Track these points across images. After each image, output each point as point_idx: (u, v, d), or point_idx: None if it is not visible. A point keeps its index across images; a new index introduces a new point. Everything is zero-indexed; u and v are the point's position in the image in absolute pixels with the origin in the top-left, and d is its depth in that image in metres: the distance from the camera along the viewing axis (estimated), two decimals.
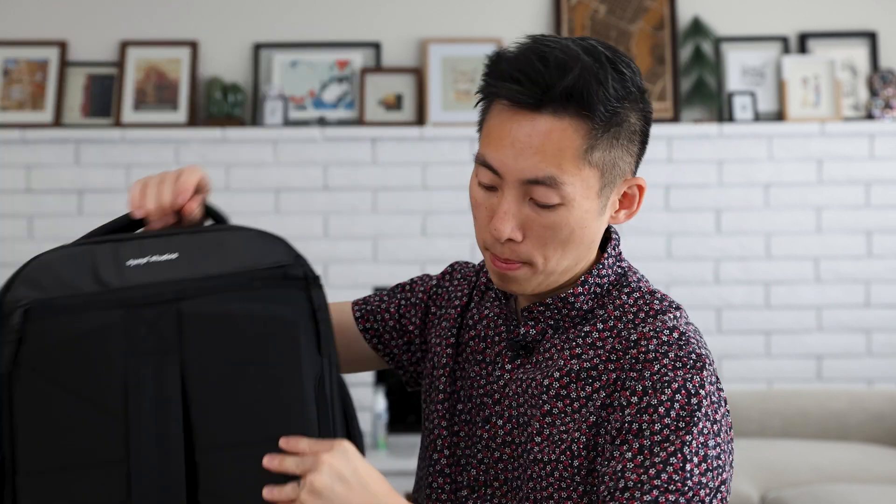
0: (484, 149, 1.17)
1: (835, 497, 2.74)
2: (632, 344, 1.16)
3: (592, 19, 3.91)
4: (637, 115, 1.18)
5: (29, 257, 1.00)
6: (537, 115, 1.13)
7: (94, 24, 3.91)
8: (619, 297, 1.22)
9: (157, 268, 1.10)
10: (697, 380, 1.13)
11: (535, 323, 1.23)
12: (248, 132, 3.76)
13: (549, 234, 1.16)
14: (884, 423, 3.35)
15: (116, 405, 1.06)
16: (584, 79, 1.12)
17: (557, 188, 1.14)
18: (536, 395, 1.20)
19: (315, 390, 1.08)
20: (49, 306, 1.08)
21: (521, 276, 1.19)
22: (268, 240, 1.12)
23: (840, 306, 3.80)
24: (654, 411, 1.11)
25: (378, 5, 3.93)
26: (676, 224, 3.80)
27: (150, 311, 1.08)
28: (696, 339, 1.17)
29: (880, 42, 3.93)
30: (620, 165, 1.18)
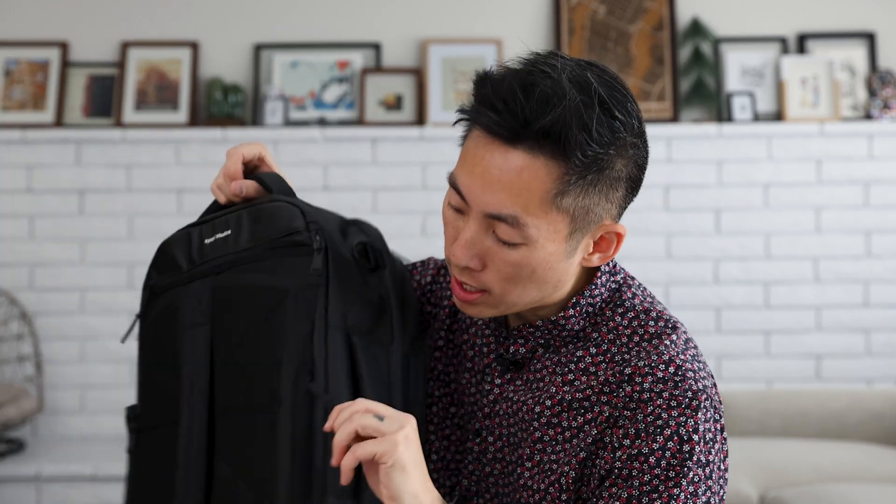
0: (457, 171, 1.13)
1: (834, 497, 2.75)
2: (626, 378, 1.12)
3: (592, 20, 3.91)
4: (625, 161, 1.11)
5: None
6: (511, 149, 1.07)
7: (95, 24, 3.91)
8: (613, 317, 1.18)
9: (218, 244, 1.21)
10: (691, 423, 1.09)
11: (524, 341, 1.21)
12: (248, 132, 3.76)
13: (509, 269, 1.12)
14: (883, 422, 3.36)
15: (179, 371, 1.18)
16: (565, 120, 1.05)
17: (520, 228, 1.09)
18: (528, 421, 1.17)
19: (298, 355, 1.11)
20: (161, 286, 1.24)
21: (479, 303, 1.16)
22: (289, 209, 1.19)
23: (839, 306, 3.81)
24: (644, 459, 1.08)
25: (378, 6, 3.93)
26: (676, 224, 3.81)
27: (199, 285, 1.20)
28: (694, 370, 1.13)
29: (879, 42, 3.93)
30: (596, 212, 1.11)
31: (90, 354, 3.78)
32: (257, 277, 1.16)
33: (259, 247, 1.17)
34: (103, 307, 3.78)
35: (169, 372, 1.19)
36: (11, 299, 3.72)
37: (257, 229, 1.18)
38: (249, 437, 1.12)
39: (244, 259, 1.18)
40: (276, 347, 1.12)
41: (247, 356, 1.14)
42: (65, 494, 3.40)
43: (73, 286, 3.78)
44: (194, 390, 1.16)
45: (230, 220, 1.21)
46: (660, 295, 3.79)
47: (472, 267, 1.13)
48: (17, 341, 3.72)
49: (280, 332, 1.13)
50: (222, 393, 1.15)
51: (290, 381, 1.11)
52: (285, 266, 1.15)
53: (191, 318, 1.19)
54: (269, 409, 1.11)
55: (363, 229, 1.26)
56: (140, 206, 3.78)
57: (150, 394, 1.22)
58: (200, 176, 3.78)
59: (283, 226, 1.17)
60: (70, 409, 3.78)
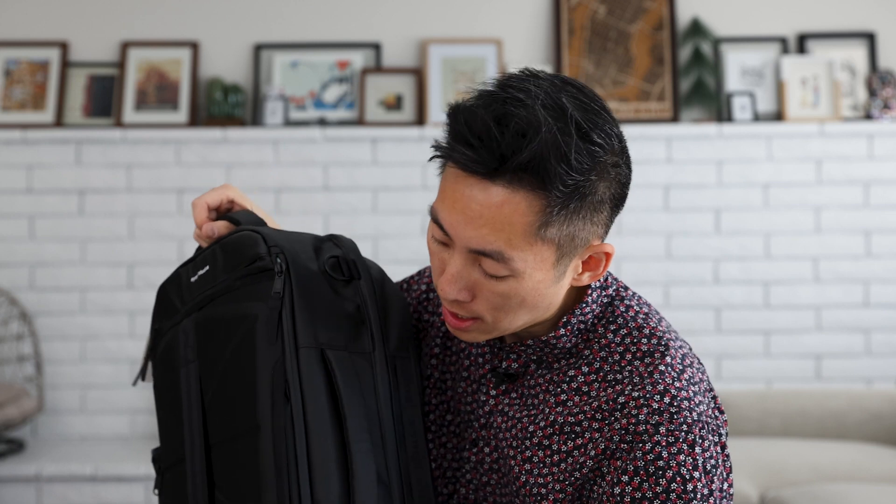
0: (437, 205, 1.11)
1: (834, 496, 2.75)
2: (619, 407, 1.11)
3: (592, 20, 3.91)
4: (607, 184, 1.09)
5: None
6: (490, 184, 1.05)
7: (95, 24, 3.91)
8: (605, 334, 1.17)
9: (200, 281, 1.24)
10: (690, 462, 1.09)
11: (517, 357, 1.21)
12: (248, 132, 3.76)
13: (498, 300, 1.11)
14: (883, 422, 3.36)
15: (181, 410, 1.22)
16: (543, 153, 1.03)
17: (505, 262, 1.08)
18: (520, 439, 1.17)
19: (272, 378, 1.12)
20: (164, 328, 1.28)
21: (472, 330, 1.16)
22: (252, 236, 1.20)
23: (839, 306, 3.81)
24: (649, 503, 1.08)
25: (378, 5, 3.93)
26: (676, 224, 3.81)
27: (188, 323, 1.23)
28: (689, 398, 1.12)
29: (879, 43, 3.93)
30: (581, 236, 1.10)
31: (90, 354, 3.79)
32: (231, 308, 1.17)
33: (231, 277, 1.19)
34: (103, 307, 3.78)
35: (174, 410, 1.23)
36: (11, 299, 3.72)
37: (227, 261, 1.21)
38: (238, 465, 1.13)
39: (220, 291, 1.20)
40: (251, 374, 1.13)
41: (229, 386, 1.16)
42: (65, 494, 3.41)
43: (73, 286, 3.78)
44: (192, 426, 1.19)
45: (207, 257, 1.24)
46: (660, 295, 3.80)
47: (462, 299, 1.12)
48: (17, 341, 3.72)
49: (253, 358, 1.14)
50: (213, 425, 1.17)
51: (268, 406, 1.11)
52: (254, 293, 1.16)
53: (183, 356, 1.22)
54: (251, 435, 1.12)
55: (337, 243, 1.25)
56: (140, 206, 3.79)
57: (165, 434, 1.26)
58: (200, 176, 3.78)
59: (248, 253, 1.18)
60: (70, 409, 3.78)
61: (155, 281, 3.78)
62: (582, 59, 3.88)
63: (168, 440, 1.25)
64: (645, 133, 3.72)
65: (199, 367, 1.19)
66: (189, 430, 1.19)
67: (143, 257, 3.79)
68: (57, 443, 3.73)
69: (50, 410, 3.77)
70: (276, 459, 1.10)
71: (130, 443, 3.73)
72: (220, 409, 1.16)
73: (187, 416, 1.20)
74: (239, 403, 1.14)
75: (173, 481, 1.23)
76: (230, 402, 1.15)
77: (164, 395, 1.26)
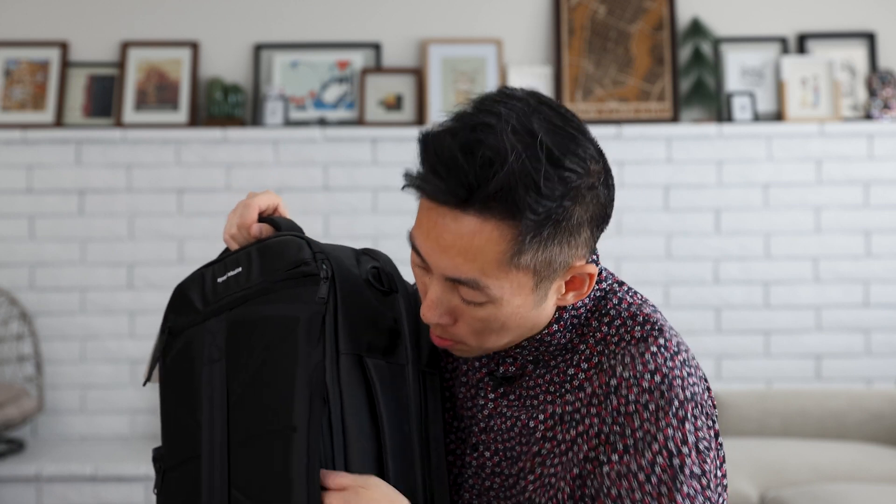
0: (414, 231, 1.12)
1: (834, 496, 2.75)
2: (612, 390, 1.11)
3: (592, 20, 3.91)
4: (584, 208, 1.07)
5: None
6: (461, 214, 1.05)
7: (95, 24, 3.91)
8: (600, 328, 1.17)
9: (230, 282, 1.24)
10: (679, 436, 1.08)
11: (513, 360, 1.20)
12: (248, 132, 3.76)
13: (479, 324, 1.12)
14: (882, 422, 3.36)
15: (197, 408, 1.21)
16: (510, 182, 1.02)
17: (481, 290, 1.08)
18: (525, 436, 1.18)
19: (311, 381, 1.12)
20: (178, 327, 1.27)
21: (458, 350, 1.17)
22: (296, 241, 1.20)
23: (839, 306, 3.81)
24: (633, 477, 1.07)
25: (378, 6, 3.93)
26: (676, 224, 3.81)
27: (215, 322, 1.22)
28: (681, 378, 1.11)
29: (879, 43, 3.93)
30: (559, 260, 1.09)
31: (90, 354, 3.79)
32: (268, 309, 1.18)
33: (269, 280, 1.19)
34: (103, 307, 3.78)
35: (188, 409, 1.22)
36: (11, 299, 3.72)
37: (266, 264, 1.20)
38: (265, 465, 1.13)
39: (255, 293, 1.19)
40: (289, 375, 1.13)
41: (261, 386, 1.16)
42: (65, 494, 3.41)
43: (73, 286, 3.78)
44: (214, 424, 1.18)
45: (240, 258, 1.23)
46: (660, 295, 3.79)
47: (443, 323, 1.13)
48: (17, 341, 3.72)
49: (293, 360, 1.14)
50: (238, 424, 1.17)
51: (305, 408, 1.12)
52: (295, 296, 1.16)
53: (208, 355, 1.21)
54: (284, 436, 1.12)
55: (374, 256, 1.28)
56: (140, 206, 3.79)
57: (173, 433, 1.25)
58: (200, 176, 3.78)
59: (291, 258, 1.19)
60: (70, 409, 3.78)
61: (155, 281, 3.78)
62: (582, 59, 3.88)
63: (176, 439, 1.24)
64: (645, 133, 3.72)
65: (226, 365, 1.19)
66: (210, 428, 1.19)
67: (143, 257, 3.79)
68: (57, 443, 3.73)
69: (50, 410, 3.78)
70: (308, 462, 1.10)
71: (130, 443, 3.73)
72: (248, 408, 1.16)
73: (208, 415, 1.19)
74: (272, 403, 1.14)
75: (180, 481, 1.22)
76: (261, 401, 1.15)
77: (176, 393, 1.25)
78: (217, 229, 3.77)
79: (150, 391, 3.77)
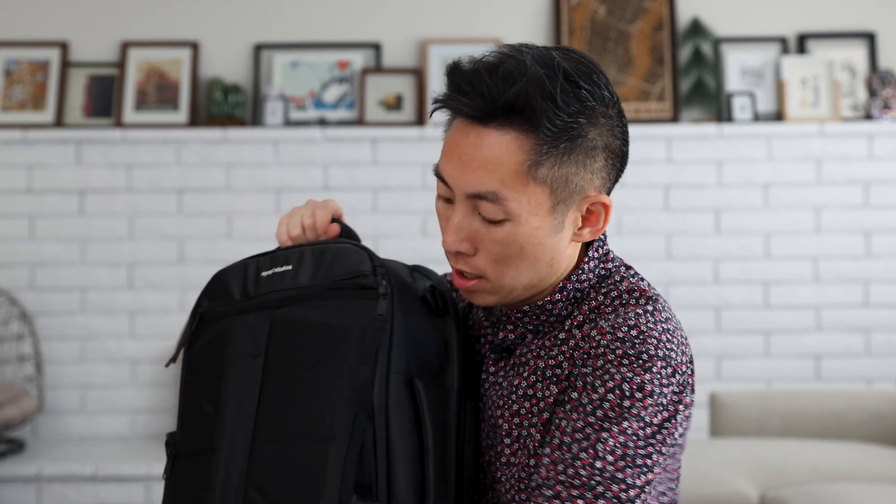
0: (439, 161, 1.18)
1: (833, 496, 2.75)
2: (590, 338, 1.13)
3: (592, 20, 3.91)
4: (598, 131, 1.14)
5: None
6: (484, 129, 1.12)
7: (95, 24, 3.91)
8: (596, 297, 1.19)
9: (276, 278, 1.23)
10: (637, 381, 1.09)
11: (513, 327, 1.22)
12: (248, 132, 3.76)
13: (499, 248, 1.15)
14: (882, 422, 3.36)
15: (221, 400, 1.20)
16: (528, 92, 1.09)
17: (500, 204, 1.12)
18: (506, 396, 1.19)
19: (358, 395, 1.12)
20: (211, 314, 1.25)
21: (478, 290, 1.19)
22: (357, 251, 1.21)
23: (839, 306, 3.81)
24: (582, 409, 1.09)
25: (378, 6, 3.94)
26: (676, 224, 3.81)
27: (256, 317, 1.21)
28: (658, 339, 1.12)
29: (879, 43, 3.93)
30: (576, 182, 1.13)
31: (90, 354, 3.79)
32: (320, 315, 1.17)
33: (322, 285, 1.19)
34: (103, 307, 3.78)
35: (212, 399, 1.21)
36: (11, 299, 3.72)
37: (321, 268, 1.20)
38: (294, 468, 1.13)
39: (306, 296, 1.19)
40: (334, 385, 1.14)
41: (301, 390, 1.15)
42: (65, 494, 3.41)
43: (73, 286, 3.78)
44: (239, 419, 1.17)
45: (291, 256, 1.23)
46: None
47: (464, 251, 1.16)
48: (17, 341, 3.72)
49: (340, 370, 1.14)
50: (268, 423, 1.16)
51: (347, 420, 1.12)
52: (349, 307, 1.17)
53: (243, 349, 1.20)
54: (321, 443, 1.12)
55: (427, 274, 1.28)
56: (140, 206, 3.79)
57: (192, 420, 1.23)
58: (200, 176, 3.78)
59: (351, 268, 1.19)
60: (70, 409, 3.78)
61: (155, 281, 3.78)
62: None
63: (193, 427, 1.23)
64: (645, 133, 3.72)
65: (263, 363, 1.18)
66: (234, 422, 1.17)
67: (143, 257, 3.79)
68: (57, 443, 3.73)
69: (50, 410, 3.78)
70: (344, 474, 1.10)
71: (130, 443, 3.73)
72: (283, 409, 1.15)
73: (235, 410, 1.18)
74: (311, 409, 1.14)
75: (191, 470, 1.21)
76: (299, 404, 1.15)
77: (200, 382, 1.23)
78: (217, 229, 3.77)
79: (151, 391, 3.77)
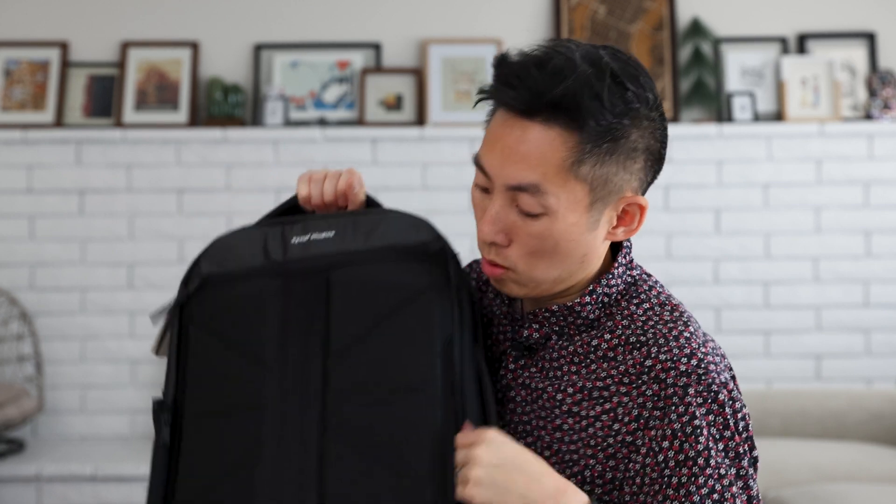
0: (480, 151, 1.19)
1: (834, 496, 2.75)
2: (645, 370, 1.14)
3: (592, 20, 3.91)
4: (640, 133, 1.15)
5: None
6: (529, 123, 1.13)
7: (95, 24, 3.91)
8: (628, 307, 1.21)
9: (316, 244, 1.23)
10: (721, 421, 1.13)
11: (539, 326, 1.23)
12: (248, 132, 3.76)
13: (533, 242, 1.16)
14: (883, 422, 3.36)
15: (269, 357, 1.19)
16: (576, 90, 1.10)
17: (540, 197, 1.13)
18: (548, 409, 1.20)
19: (442, 351, 1.16)
20: (224, 276, 1.24)
21: (508, 280, 1.20)
22: (413, 221, 1.23)
23: (839, 306, 3.81)
24: (693, 463, 1.11)
25: (378, 6, 3.93)
26: (676, 224, 3.81)
27: (305, 278, 1.21)
28: (715, 364, 1.15)
29: (879, 43, 3.93)
30: (615, 182, 1.15)
31: (90, 354, 3.79)
32: (387, 275, 1.19)
33: (382, 249, 1.21)
34: (103, 307, 3.78)
35: (251, 356, 1.19)
36: (11, 299, 3.72)
37: (374, 235, 1.22)
38: (386, 420, 1.14)
39: (364, 260, 1.21)
40: (426, 337, 1.16)
41: (377, 344, 1.17)
42: (65, 494, 3.41)
43: (73, 286, 3.78)
44: (302, 375, 1.17)
45: (331, 223, 1.25)
46: None
47: (499, 242, 1.17)
48: (17, 341, 3.72)
49: (429, 323, 1.16)
50: (342, 377, 1.16)
51: (436, 372, 1.14)
52: (417, 270, 1.20)
53: (294, 308, 1.20)
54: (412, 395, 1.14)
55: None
56: (140, 206, 3.79)
57: (213, 379, 1.21)
58: (200, 176, 3.78)
59: (412, 237, 1.22)
60: (70, 409, 3.78)
61: (155, 281, 3.78)
62: None
63: (217, 386, 1.20)
64: None
65: (326, 320, 1.19)
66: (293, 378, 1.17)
67: (143, 257, 3.79)
68: (57, 443, 3.73)
69: (50, 410, 3.78)
70: (442, 426, 1.13)
71: (130, 443, 3.73)
72: (359, 364, 1.16)
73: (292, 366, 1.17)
74: (394, 362, 1.15)
75: (223, 428, 1.18)
76: (376, 359, 1.16)
77: (226, 340, 1.21)
78: (217, 229, 3.77)
79: (151, 391, 3.77)
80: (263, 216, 1.32)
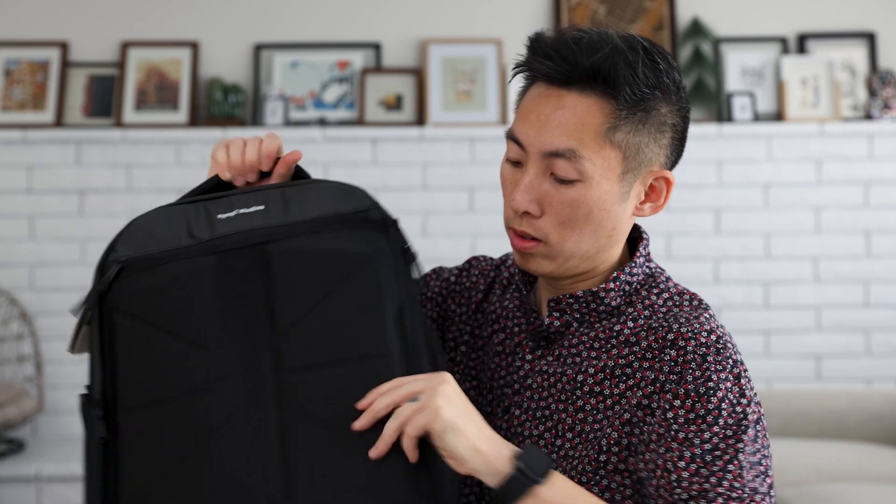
0: (514, 124, 1.22)
1: (834, 497, 2.75)
2: (668, 343, 1.17)
3: (592, 20, 3.91)
4: (669, 108, 1.20)
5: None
6: (565, 93, 1.17)
7: (95, 24, 3.91)
8: (649, 296, 1.24)
9: (246, 218, 1.19)
10: (737, 390, 1.15)
11: (560, 314, 1.24)
12: (248, 132, 3.76)
13: (566, 210, 1.18)
14: (883, 422, 3.36)
15: (210, 339, 1.13)
16: (613, 59, 1.15)
17: (576, 162, 1.16)
18: (568, 391, 1.21)
19: (396, 318, 1.14)
20: (146, 259, 1.17)
21: (538, 254, 1.21)
22: (346, 188, 1.21)
23: (839, 306, 3.81)
24: (702, 421, 1.13)
25: (378, 5, 3.94)
26: (676, 224, 3.81)
27: (239, 254, 1.17)
28: (732, 344, 1.19)
29: (879, 43, 3.93)
30: (646, 153, 1.19)
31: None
32: (329, 244, 1.16)
33: (321, 220, 1.18)
34: None
35: (189, 340, 1.13)
36: (11, 299, 3.72)
37: (309, 205, 1.20)
38: (350, 390, 1.10)
39: (300, 231, 1.17)
40: (377, 304, 1.14)
41: (326, 317, 1.13)
42: (65, 494, 3.41)
43: (73, 286, 3.78)
44: (251, 353, 1.12)
45: (259, 197, 1.21)
46: None
47: (531, 212, 1.19)
48: (17, 341, 3.72)
49: (378, 290, 1.14)
50: (294, 351, 1.12)
51: (396, 335, 1.13)
52: (359, 237, 1.18)
53: (231, 285, 1.15)
54: (373, 361, 1.11)
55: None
56: (140, 206, 3.79)
57: (147, 367, 1.14)
58: (200, 176, 3.78)
59: (349, 203, 1.20)
60: (70, 409, 3.78)
61: None
62: None
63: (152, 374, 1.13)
64: None
65: (266, 294, 1.14)
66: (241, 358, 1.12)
67: None
68: (57, 443, 3.73)
69: (50, 410, 3.78)
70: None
71: None
72: (310, 336, 1.12)
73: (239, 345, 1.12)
74: (353, 330, 1.12)
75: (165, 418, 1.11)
76: (335, 328, 1.12)
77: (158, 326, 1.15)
78: None
79: None
80: (182, 196, 1.26)
